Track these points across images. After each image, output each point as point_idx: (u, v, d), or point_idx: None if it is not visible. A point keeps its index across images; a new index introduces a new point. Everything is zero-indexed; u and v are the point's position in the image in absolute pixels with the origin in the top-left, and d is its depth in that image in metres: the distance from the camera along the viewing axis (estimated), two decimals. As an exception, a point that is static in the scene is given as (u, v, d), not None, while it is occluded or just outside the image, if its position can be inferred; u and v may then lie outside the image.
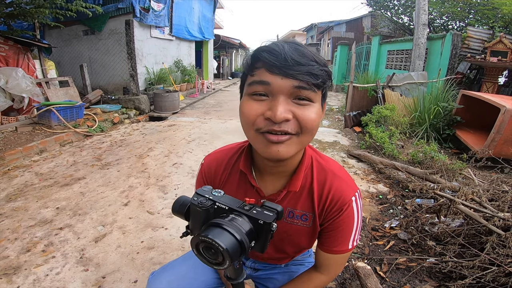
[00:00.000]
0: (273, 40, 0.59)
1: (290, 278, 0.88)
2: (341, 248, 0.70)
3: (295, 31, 25.52)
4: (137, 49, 5.72)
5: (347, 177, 0.72)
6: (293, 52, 0.53)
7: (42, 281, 1.47)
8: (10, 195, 2.36)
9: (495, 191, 1.88)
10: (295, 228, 0.72)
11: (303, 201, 0.71)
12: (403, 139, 3.71)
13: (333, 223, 0.69)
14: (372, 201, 2.38)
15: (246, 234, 0.49)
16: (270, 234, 0.52)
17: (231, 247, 0.45)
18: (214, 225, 0.49)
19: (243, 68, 0.61)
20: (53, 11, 4.32)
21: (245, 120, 0.58)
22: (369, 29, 11.52)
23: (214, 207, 0.55)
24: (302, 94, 0.55)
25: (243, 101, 0.60)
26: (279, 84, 0.54)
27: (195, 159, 3.29)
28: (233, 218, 0.51)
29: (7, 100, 3.81)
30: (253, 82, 0.57)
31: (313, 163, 0.72)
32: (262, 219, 0.52)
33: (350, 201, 0.68)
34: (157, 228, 1.96)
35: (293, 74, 0.53)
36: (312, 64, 0.54)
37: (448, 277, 1.47)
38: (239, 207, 0.54)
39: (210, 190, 0.58)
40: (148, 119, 5.55)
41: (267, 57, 0.54)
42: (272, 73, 0.54)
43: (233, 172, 0.76)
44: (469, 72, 5.62)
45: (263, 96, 0.56)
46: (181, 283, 0.82)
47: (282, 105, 0.54)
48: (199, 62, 10.67)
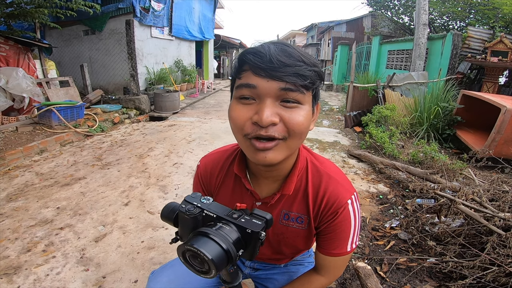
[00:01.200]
0: (263, 41, 0.58)
1: (289, 278, 0.88)
2: (339, 251, 0.69)
3: (295, 31, 25.51)
4: (137, 49, 5.72)
5: (343, 179, 0.71)
6: (279, 53, 0.52)
7: (43, 281, 1.47)
8: (11, 195, 2.36)
9: (496, 191, 1.87)
10: (291, 230, 0.72)
11: (298, 204, 0.70)
12: (403, 139, 3.71)
13: (330, 226, 0.68)
14: (373, 201, 2.38)
15: (233, 243, 0.49)
16: (259, 242, 0.52)
17: (216, 257, 0.45)
18: (200, 234, 0.49)
19: (231, 71, 0.61)
20: (53, 11, 4.31)
21: (234, 125, 0.58)
22: (369, 29, 11.51)
23: (202, 215, 0.55)
24: (289, 96, 0.53)
25: (232, 105, 0.59)
26: (265, 86, 0.53)
27: (196, 159, 3.29)
28: (220, 227, 0.50)
29: (8, 100, 3.81)
30: (240, 85, 0.56)
31: (308, 165, 0.71)
32: (250, 228, 0.51)
33: (346, 204, 0.67)
34: (158, 228, 1.97)
35: (279, 76, 0.51)
36: (299, 65, 0.52)
37: (448, 277, 1.47)
38: (227, 215, 0.54)
39: (199, 197, 0.58)
40: (148, 119, 5.55)
41: (252, 59, 0.53)
42: (258, 75, 0.53)
43: (229, 174, 0.76)
44: (469, 72, 5.61)
45: (251, 99, 0.55)
46: (180, 281, 0.82)
47: (269, 109, 0.53)
48: (199, 62, 10.67)
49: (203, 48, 10.88)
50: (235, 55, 18.14)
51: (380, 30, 9.62)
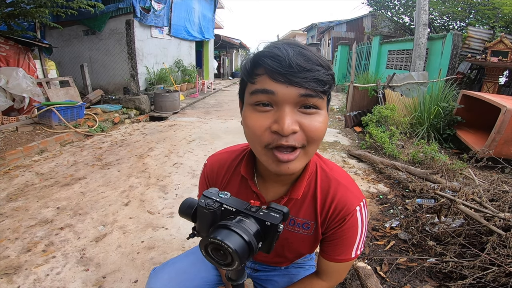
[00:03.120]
0: (271, 41, 0.55)
1: (290, 280, 0.87)
2: (344, 257, 0.68)
3: (295, 31, 25.51)
4: (137, 49, 5.72)
5: (352, 186, 0.69)
6: (298, 56, 0.49)
7: (43, 281, 1.47)
8: (11, 195, 2.36)
9: (496, 191, 1.87)
10: (296, 235, 0.71)
11: (305, 209, 0.69)
12: (403, 139, 3.71)
13: (336, 232, 0.67)
14: (373, 201, 2.38)
15: (253, 235, 0.49)
16: (277, 235, 0.53)
17: (240, 248, 0.46)
18: (222, 227, 0.49)
19: (242, 74, 0.57)
20: (54, 10, 4.31)
21: (251, 135, 0.55)
22: (369, 29, 11.52)
23: (221, 209, 0.55)
24: (309, 102, 0.51)
25: (247, 112, 0.56)
26: (284, 93, 0.50)
27: (196, 159, 3.30)
28: (240, 220, 0.51)
29: (8, 100, 3.81)
30: (256, 91, 0.52)
31: (318, 170, 0.69)
32: (269, 220, 0.52)
33: (354, 211, 0.65)
34: (158, 228, 1.97)
35: (299, 82, 0.49)
36: (318, 69, 0.50)
37: (448, 277, 1.47)
38: (245, 209, 0.54)
39: (217, 192, 0.58)
40: (148, 119, 5.55)
41: (270, 63, 0.50)
42: (276, 81, 0.50)
43: (235, 175, 0.75)
44: (469, 72, 5.61)
45: (267, 106, 0.53)
46: (181, 279, 0.82)
47: (289, 117, 0.50)
48: (199, 62, 10.67)
49: (203, 48, 10.89)
50: (235, 55, 18.18)
51: (380, 30, 9.62)
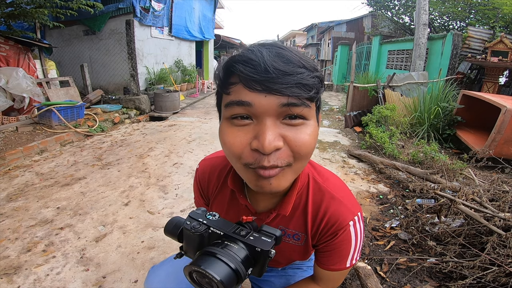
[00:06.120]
0: (254, 43, 0.49)
1: (287, 281, 0.87)
2: (338, 267, 0.66)
3: (295, 31, 25.51)
4: (137, 49, 5.72)
5: (347, 198, 0.65)
6: (275, 59, 0.42)
7: (43, 281, 1.47)
8: (11, 195, 2.36)
9: (496, 191, 1.87)
10: (287, 245, 0.70)
11: (295, 221, 0.67)
12: (403, 139, 3.71)
13: (329, 245, 0.65)
14: (373, 201, 2.38)
15: (242, 262, 0.46)
16: (268, 259, 0.49)
17: (225, 277, 0.43)
18: (207, 254, 0.46)
19: (215, 83, 0.50)
20: (54, 11, 4.31)
21: (229, 152, 0.49)
22: (369, 29, 11.51)
23: (209, 232, 0.52)
24: (293, 112, 0.44)
25: (223, 127, 0.49)
26: (262, 104, 0.43)
27: (196, 159, 3.29)
28: (228, 246, 0.48)
29: (8, 100, 3.81)
30: (231, 103, 0.46)
31: (310, 182, 0.65)
32: (260, 246, 0.48)
33: (347, 226, 0.61)
34: (158, 228, 1.97)
35: (279, 89, 0.42)
36: (301, 72, 0.43)
37: (448, 277, 1.47)
38: (234, 232, 0.51)
39: (204, 213, 0.55)
40: (148, 119, 5.55)
41: (243, 69, 0.43)
42: (252, 89, 0.43)
43: (225, 185, 0.72)
44: (469, 72, 5.61)
45: (246, 119, 0.46)
46: (179, 275, 0.81)
47: (270, 131, 0.44)
48: (199, 62, 10.67)
49: (203, 48, 10.88)
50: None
51: (380, 30, 9.62)
